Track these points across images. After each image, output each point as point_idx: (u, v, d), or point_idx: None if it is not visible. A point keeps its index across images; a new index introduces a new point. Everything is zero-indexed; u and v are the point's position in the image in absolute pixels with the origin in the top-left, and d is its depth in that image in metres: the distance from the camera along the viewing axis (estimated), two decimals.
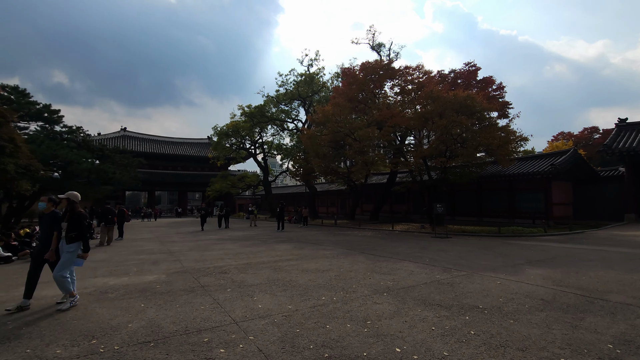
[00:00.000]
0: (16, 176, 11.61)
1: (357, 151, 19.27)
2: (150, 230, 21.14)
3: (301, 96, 30.98)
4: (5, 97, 22.08)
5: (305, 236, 15.74)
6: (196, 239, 15.02)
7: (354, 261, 8.55)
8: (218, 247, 11.84)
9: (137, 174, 31.06)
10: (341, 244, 12.21)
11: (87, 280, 6.82)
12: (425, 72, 19.97)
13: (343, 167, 30.39)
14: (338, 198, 39.18)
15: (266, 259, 8.99)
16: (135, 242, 13.76)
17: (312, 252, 10.16)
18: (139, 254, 10.34)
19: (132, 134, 52.48)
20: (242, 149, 40.46)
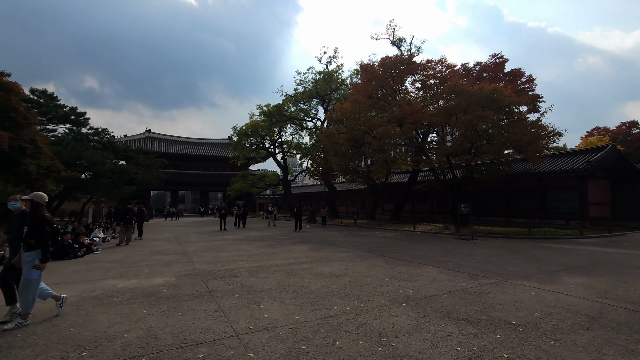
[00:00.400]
0: (39, 177, 11.84)
1: (377, 149, 18.65)
2: (170, 229, 21.37)
3: (320, 94, 30.58)
4: (35, 101, 22.95)
5: (323, 237, 15.33)
6: (213, 239, 14.92)
7: (371, 265, 8.06)
8: (233, 247, 11.63)
9: (159, 174, 31.67)
10: (359, 246, 11.72)
11: (97, 282, 6.69)
12: (449, 65, 19.08)
13: (363, 166, 29.80)
14: (358, 197, 38.55)
15: (280, 262, 8.65)
16: (153, 242, 13.81)
17: (328, 255, 9.74)
18: (154, 255, 10.26)
19: (156, 135, 53.82)
20: (261, 148, 40.55)
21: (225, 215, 21.13)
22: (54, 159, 13.08)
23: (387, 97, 21.02)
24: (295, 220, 19.70)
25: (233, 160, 41.51)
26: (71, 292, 5.91)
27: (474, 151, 17.45)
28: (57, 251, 9.62)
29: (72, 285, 6.49)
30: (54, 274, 7.53)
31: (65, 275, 7.43)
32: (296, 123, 35.58)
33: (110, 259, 9.48)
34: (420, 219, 25.36)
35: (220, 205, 29.17)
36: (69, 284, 6.60)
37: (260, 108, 32.69)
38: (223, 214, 21.18)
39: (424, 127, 20.73)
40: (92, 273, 7.59)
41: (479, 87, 15.16)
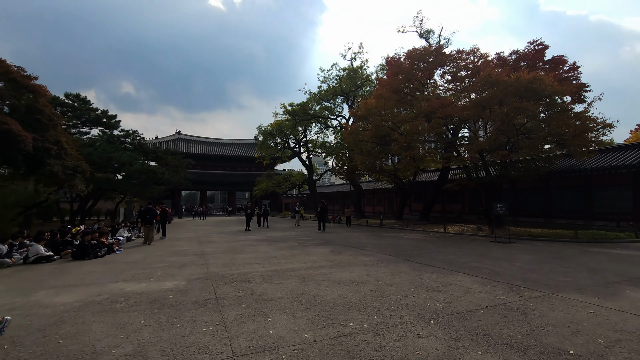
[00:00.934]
0: (65, 177, 12.04)
1: (404, 146, 17.72)
2: (195, 229, 21.50)
3: (344, 91, 29.86)
4: (69, 105, 23.88)
5: (346, 238, 14.67)
6: (234, 239, 14.68)
7: (396, 271, 7.33)
8: (252, 249, 11.25)
9: (187, 174, 32.21)
10: (384, 249, 10.96)
11: (107, 285, 6.45)
12: (481, 55, 17.77)
13: (389, 164, 28.78)
14: (385, 197, 37.44)
15: (297, 265, 8.11)
16: (175, 242, 13.74)
17: (349, 258, 9.09)
18: (172, 256, 10.06)
19: (186, 136, 55.25)
20: (287, 148, 40.44)
21: (250, 216, 20.66)
22: (80, 159, 13.32)
23: (415, 92, 19.99)
24: (319, 220, 19.16)
25: (259, 160, 41.70)
26: (78, 296, 5.68)
27: (511, 147, 16.13)
28: (78, 251, 9.63)
29: (82, 287, 6.28)
30: (70, 275, 7.42)
31: (79, 276, 7.29)
32: (320, 121, 35.07)
33: (127, 260, 9.36)
34: (451, 220, 24.06)
35: (246, 205, 28.85)
36: (79, 286, 6.41)
37: (284, 107, 32.47)
38: (249, 213, 20.68)
39: (454, 122, 19.52)
40: (105, 275, 7.40)
41: (517, 76, 13.89)
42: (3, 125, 9.05)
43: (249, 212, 20.85)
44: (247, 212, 20.93)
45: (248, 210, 21.29)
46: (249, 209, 21.74)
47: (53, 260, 9.33)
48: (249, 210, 21.30)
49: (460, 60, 18.26)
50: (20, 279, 7.19)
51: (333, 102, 32.92)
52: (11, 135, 9.20)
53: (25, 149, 9.66)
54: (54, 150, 10.70)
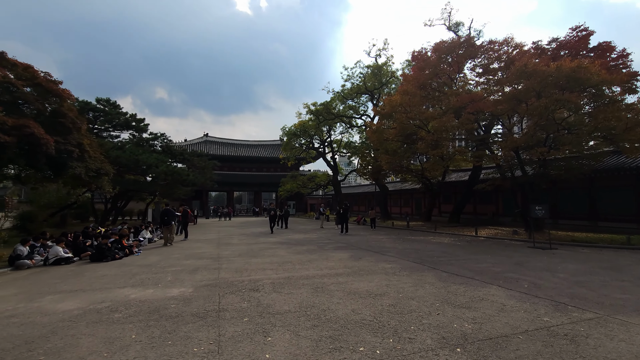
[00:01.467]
0: (89, 179, 12.24)
1: (431, 144, 16.75)
2: (219, 230, 21.54)
3: (368, 89, 29.04)
4: (101, 109, 24.76)
5: (369, 241, 13.98)
6: (254, 241, 14.39)
7: (420, 281, 6.62)
8: (268, 253, 10.85)
9: (212, 175, 32.60)
10: (408, 254, 10.20)
11: (113, 291, 6.23)
12: (516, 45, 16.41)
13: (416, 164, 27.66)
14: (412, 197, 36.19)
15: (312, 272, 7.58)
16: (194, 244, 13.65)
17: (369, 265, 8.44)
18: (187, 259, 9.85)
19: (213, 138, 56.42)
20: (311, 148, 40.13)
21: (275, 217, 19.94)
22: (104, 161, 13.56)
23: (442, 87, 18.90)
24: (341, 222, 18.55)
25: (283, 161, 41.68)
26: (81, 303, 5.47)
27: (550, 143, 14.79)
28: (96, 254, 9.64)
29: (88, 293, 6.09)
30: (82, 279, 7.31)
31: (90, 280, 7.16)
32: (345, 121, 34.41)
33: (142, 263, 9.24)
34: (484, 222, 22.65)
35: (270, 206, 28.23)
36: (86, 291, 6.23)
37: (307, 107, 32.10)
38: (272, 215, 19.97)
39: (486, 118, 18.26)
40: (116, 279, 7.23)
41: (557, 65, 12.63)
42: (25, 128, 9.21)
43: (273, 213, 20.10)
44: (270, 213, 20.16)
45: (272, 212, 20.48)
46: (273, 210, 21.02)
47: (72, 262, 9.38)
48: (273, 211, 20.51)
49: (493, 52, 17.01)
50: (33, 281, 7.16)
51: (357, 100, 32.18)
52: (33, 138, 9.35)
53: (47, 152, 9.81)
54: (76, 153, 10.85)
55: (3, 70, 10.28)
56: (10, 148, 8.83)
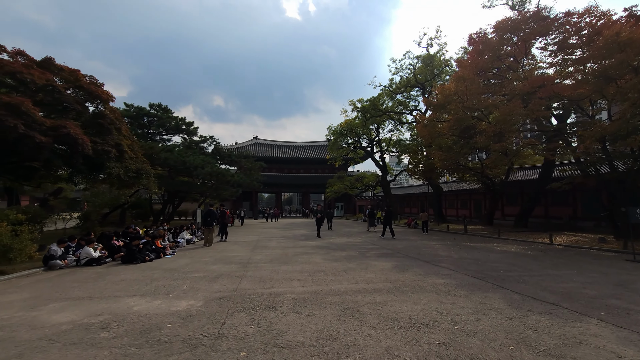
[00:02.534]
0: (128, 179, 12.28)
1: (493, 137, 14.52)
2: (261, 231, 21.11)
3: (419, 82, 26.84)
4: (154, 114, 25.86)
5: (419, 248, 12.31)
6: (291, 245, 13.48)
7: (483, 306, 5.06)
8: (302, 259, 9.79)
9: (259, 176, 32.68)
10: (467, 266, 8.48)
11: (118, 300, 5.60)
12: (602, 14, 13.55)
13: (474, 162, 24.96)
14: (470, 199, 33.08)
15: (345, 286, 6.35)
16: (230, 246, 13.10)
17: (416, 280, 6.97)
18: (215, 263, 9.17)
19: (262, 141, 57.50)
20: (359, 148, 38.70)
21: (322, 220, 17.84)
22: (145, 162, 13.64)
23: (506, 73, 16.45)
24: (384, 226, 17.04)
25: (330, 162, 40.77)
26: (77, 315, 4.87)
27: None
28: (126, 255, 9.37)
29: (94, 302, 5.52)
30: (100, 283, 6.87)
31: (106, 285, 6.68)
32: (393, 118, 32.45)
33: (168, 266, 8.73)
34: (557, 227, 19.50)
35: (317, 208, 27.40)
36: (93, 299, 5.68)
37: (352, 104, 30.76)
38: (319, 218, 17.72)
39: (561, 105, 15.53)
40: (132, 285, 6.67)
41: None
42: (62, 129, 9.24)
43: (320, 216, 17.99)
44: (317, 216, 18.10)
45: (318, 214, 18.30)
46: (320, 213, 18.62)
47: (104, 263, 9.20)
48: (320, 214, 18.32)
49: (570, 25, 14.28)
50: (53, 285, 6.86)
51: (407, 95, 30.07)
52: (69, 138, 9.37)
53: (84, 152, 9.80)
54: (113, 153, 10.83)
55: (48, 74, 10.56)
56: (46, 148, 8.88)
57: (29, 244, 7.74)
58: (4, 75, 9.49)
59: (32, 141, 8.50)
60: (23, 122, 8.53)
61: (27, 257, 7.75)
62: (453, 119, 16.21)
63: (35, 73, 9.93)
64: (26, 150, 8.68)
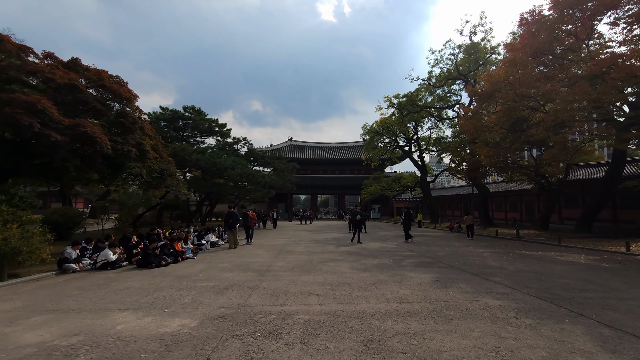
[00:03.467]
0: (151, 180, 11.96)
1: (553, 127, 12.50)
2: (292, 234, 20.30)
3: (461, 73, 24.67)
4: (188, 117, 26.11)
5: (465, 256, 10.72)
6: (320, 250, 12.43)
7: (561, 348, 3.65)
8: (327, 267, 8.68)
9: (292, 177, 32.07)
10: (526, 282, 6.90)
11: (109, 314, 4.87)
12: None
13: (526, 159, 22.47)
14: (521, 200, 30.12)
15: (372, 306, 5.16)
16: (254, 250, 12.32)
17: (463, 300, 5.60)
18: (232, 270, 8.36)
19: (297, 142, 57.27)
20: (396, 147, 36.90)
21: (359, 224, 15.19)
22: (170, 162, 13.31)
23: (566, 55, 14.26)
24: (404, 229, 15.89)
25: (366, 162, 39.33)
26: (51, 334, 4.16)
27: None
28: (142, 259, 8.85)
29: (80, 316, 4.84)
30: (100, 292, 6.26)
31: (105, 295, 6.05)
32: (433, 114, 30.39)
33: (181, 273, 8.03)
34: (630, 233, 16.70)
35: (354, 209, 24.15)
36: (81, 312, 5.01)
37: (388, 100, 29.10)
38: (358, 220, 15.16)
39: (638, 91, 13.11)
40: (131, 295, 5.98)
41: None
42: (79, 127, 8.96)
43: (359, 217, 15.35)
44: (356, 217, 15.40)
45: (357, 215, 15.54)
46: (359, 214, 15.65)
47: (119, 267, 8.74)
48: (359, 215, 15.52)
49: None
50: (52, 292, 6.36)
51: (447, 89, 27.94)
52: (87, 137, 9.07)
53: (103, 152, 9.48)
54: (133, 153, 10.47)
55: (72, 74, 10.44)
56: (62, 147, 8.61)
57: (41, 247, 7.40)
58: (27, 75, 9.44)
59: (48, 140, 8.26)
60: (39, 121, 8.31)
61: (38, 260, 7.42)
62: (502, 110, 14.29)
63: (58, 72, 9.81)
64: (41, 149, 8.48)
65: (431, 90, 28.39)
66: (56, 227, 16.62)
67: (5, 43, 9.59)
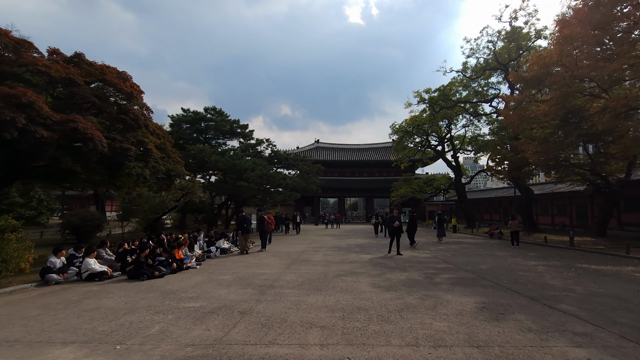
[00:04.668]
0: (155, 181, 11.08)
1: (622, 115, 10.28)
2: (314, 239, 18.91)
3: (501, 63, 22.22)
4: (209, 118, 25.60)
5: (514, 270, 8.82)
6: (339, 259, 10.93)
7: None
8: (343, 284, 7.16)
9: (317, 179, 30.75)
10: (610, 314, 5.05)
11: (42, 351, 3.74)
12: None
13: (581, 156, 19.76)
14: (570, 203, 27.03)
15: (394, 352, 3.64)
16: (265, 259, 11.02)
17: (528, 343, 3.93)
18: (229, 285, 7.09)
19: (324, 144, 56.09)
20: (427, 147, 34.65)
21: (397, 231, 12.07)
22: (178, 162, 12.41)
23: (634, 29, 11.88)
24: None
25: (395, 163, 37.36)
26: None
27: None
28: (133, 270, 7.84)
29: (8, 351, 3.74)
30: (58, 316, 5.19)
31: (62, 319, 4.96)
32: (468, 110, 27.93)
33: (170, 288, 6.88)
34: None
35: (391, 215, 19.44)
36: (12, 345, 3.91)
37: (418, 95, 27.05)
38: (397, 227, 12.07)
39: None
40: (90, 321, 4.85)
41: None
42: (69, 123, 8.15)
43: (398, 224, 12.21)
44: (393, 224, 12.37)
45: (396, 222, 12.38)
46: (397, 220, 12.43)
47: (108, 278, 7.77)
48: (397, 222, 12.35)
49: None
50: (10, 311, 5.38)
51: (484, 82, 25.46)
52: (78, 134, 8.24)
53: (98, 150, 8.63)
54: (133, 152, 9.58)
55: (71, 69, 9.77)
56: (50, 144, 7.81)
57: (18, 254, 6.57)
58: (19, 68, 8.83)
59: (33, 136, 7.48)
60: (25, 116, 7.55)
61: (16, 269, 6.59)
62: (554, 97, 12.12)
63: (54, 66, 9.13)
64: (27, 146, 7.74)
65: (466, 84, 26.06)
66: (75, 231, 16.37)
67: (2, 37, 9.03)
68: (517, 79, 13.78)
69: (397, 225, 12.38)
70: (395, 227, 12.44)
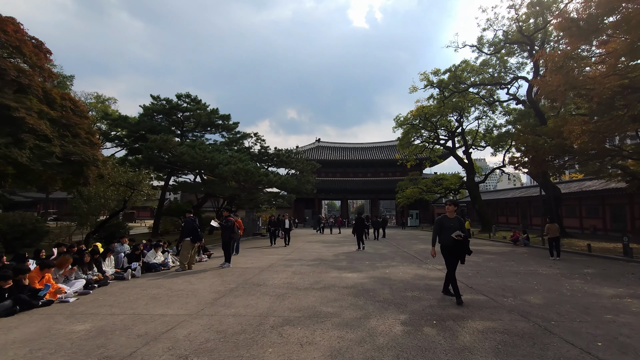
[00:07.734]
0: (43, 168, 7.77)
1: None
2: (295, 248, 15.42)
3: (526, 35, 18.47)
4: (184, 108, 22.42)
5: (590, 307, 5.27)
6: (307, 284, 7.46)
7: None
8: (280, 351, 3.73)
9: (312, 179, 27.28)
10: None
11: None
12: None
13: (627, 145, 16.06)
14: (603, 204, 23.22)
15: None
16: (197, 281, 7.58)
17: None
18: (111, 334, 3.69)
19: (325, 143, 52.79)
20: (436, 143, 31.06)
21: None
22: (93, 145, 9.08)
23: None
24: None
25: (401, 162, 33.80)
26: None
27: None
28: None
29: None
30: None
31: None
32: (485, 97, 24.25)
33: None
34: None
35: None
36: None
37: (425, 78, 23.38)
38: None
39: None
40: None
41: None
42: None
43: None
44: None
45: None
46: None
47: None
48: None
49: None
50: None
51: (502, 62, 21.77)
52: None
53: None
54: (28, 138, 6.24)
55: None
56: None
57: None
58: None
59: None
60: None
61: None
62: (622, 48, 8.51)
63: None
64: None
65: (478, 70, 22.18)
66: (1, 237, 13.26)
67: None
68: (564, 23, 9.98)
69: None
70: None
